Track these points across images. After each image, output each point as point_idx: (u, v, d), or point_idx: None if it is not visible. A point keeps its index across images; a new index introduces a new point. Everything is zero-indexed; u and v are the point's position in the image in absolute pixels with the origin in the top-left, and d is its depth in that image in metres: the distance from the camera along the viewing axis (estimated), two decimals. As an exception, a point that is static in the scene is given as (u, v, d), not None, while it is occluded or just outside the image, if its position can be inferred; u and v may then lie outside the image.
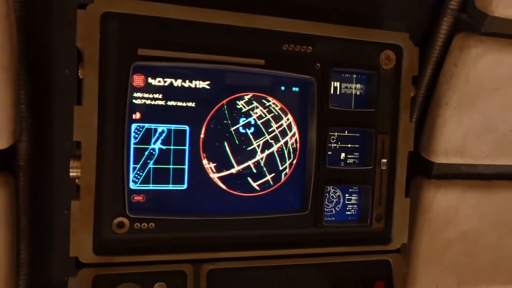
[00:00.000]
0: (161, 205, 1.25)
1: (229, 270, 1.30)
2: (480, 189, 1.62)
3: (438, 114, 1.50)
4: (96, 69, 1.15)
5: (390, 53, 1.40)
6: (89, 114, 1.15)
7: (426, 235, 1.60)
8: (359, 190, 1.45)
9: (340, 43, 1.35)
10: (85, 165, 1.16)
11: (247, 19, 1.26)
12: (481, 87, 1.45)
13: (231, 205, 1.31)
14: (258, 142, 1.32)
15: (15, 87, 1.17)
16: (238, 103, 1.29)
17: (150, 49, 1.18)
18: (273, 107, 1.33)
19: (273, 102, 1.32)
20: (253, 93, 1.31)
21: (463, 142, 1.52)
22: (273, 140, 1.33)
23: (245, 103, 1.30)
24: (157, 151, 1.24)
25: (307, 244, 1.37)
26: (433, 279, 1.65)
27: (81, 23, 1.14)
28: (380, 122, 1.41)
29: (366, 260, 1.43)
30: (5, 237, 1.23)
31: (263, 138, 1.32)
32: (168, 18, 1.19)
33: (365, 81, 1.42)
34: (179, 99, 1.24)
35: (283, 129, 1.34)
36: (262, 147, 1.32)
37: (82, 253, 1.18)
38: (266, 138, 1.32)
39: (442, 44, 1.47)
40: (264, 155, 1.32)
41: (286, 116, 1.34)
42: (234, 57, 1.25)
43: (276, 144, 1.33)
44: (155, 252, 1.24)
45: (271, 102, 1.32)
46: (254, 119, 1.31)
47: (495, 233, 1.67)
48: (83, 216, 1.17)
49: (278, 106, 1.33)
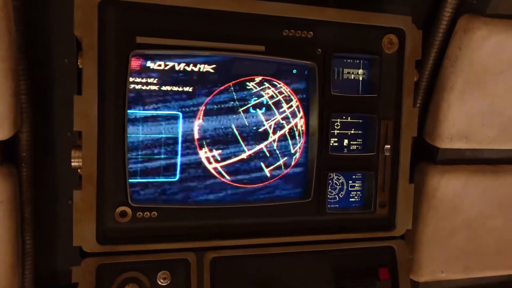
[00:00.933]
0: (163, 193, 1.25)
1: (232, 258, 1.30)
2: (486, 174, 1.60)
3: (442, 98, 1.48)
4: (95, 58, 1.14)
5: (393, 37, 1.38)
6: (89, 103, 1.15)
7: (431, 221, 1.59)
8: (362, 177, 1.44)
9: (341, 28, 1.33)
10: (86, 155, 1.16)
11: (247, 4, 1.24)
12: (486, 70, 1.43)
13: (233, 193, 1.31)
14: (269, 123, 1.31)
15: (15, 78, 1.17)
16: (249, 84, 1.28)
17: (149, 37, 1.17)
18: (284, 88, 1.32)
19: (283, 84, 1.31)
20: (262, 76, 1.30)
21: (468, 127, 1.50)
22: (284, 121, 1.32)
23: (256, 84, 1.29)
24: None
25: (310, 231, 1.37)
26: (438, 265, 1.65)
27: (78, 11, 1.13)
28: (383, 108, 1.39)
29: (370, 247, 1.42)
30: (9, 227, 1.24)
31: (275, 119, 1.31)
32: (166, 5, 1.18)
33: (367, 66, 1.40)
34: (179, 84, 1.24)
35: (293, 111, 1.33)
36: (274, 128, 1.32)
37: (85, 242, 1.18)
38: (277, 118, 1.31)
39: (446, 27, 1.45)
40: (276, 137, 1.32)
41: (294, 99, 1.32)
42: (234, 44, 1.24)
43: (287, 125, 1.32)
44: (158, 241, 1.24)
45: (281, 84, 1.31)
46: (266, 99, 1.30)
47: (502, 218, 1.66)
48: (85, 205, 1.17)
49: (287, 89, 1.32)
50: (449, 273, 1.67)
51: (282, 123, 1.33)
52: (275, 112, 1.32)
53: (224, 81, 1.27)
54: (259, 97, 1.30)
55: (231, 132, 1.29)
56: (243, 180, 1.31)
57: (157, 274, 1.23)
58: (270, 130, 1.32)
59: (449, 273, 1.67)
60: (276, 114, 1.32)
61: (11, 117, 1.17)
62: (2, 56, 1.11)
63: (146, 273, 1.22)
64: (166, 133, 1.24)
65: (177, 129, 1.25)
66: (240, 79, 1.28)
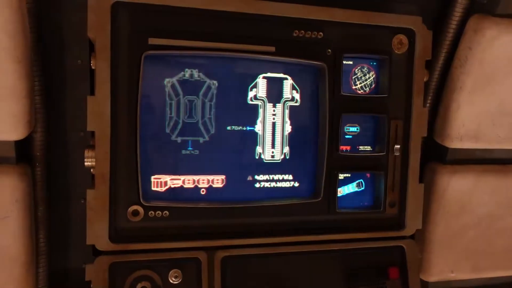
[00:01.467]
0: (175, 193, 1.27)
1: (243, 257, 1.31)
2: (496, 174, 1.60)
3: (452, 98, 1.47)
4: (107, 59, 1.16)
5: (403, 37, 1.38)
6: (102, 104, 1.17)
7: (441, 221, 1.59)
8: (372, 177, 1.44)
9: (351, 28, 1.33)
10: (99, 155, 1.18)
11: (257, 5, 1.25)
12: (496, 70, 1.43)
13: (245, 192, 1.32)
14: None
15: (29, 79, 1.19)
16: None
17: (161, 38, 1.19)
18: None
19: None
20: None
21: (478, 127, 1.50)
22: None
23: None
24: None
25: (320, 230, 1.37)
26: (448, 265, 1.64)
27: (92, 13, 1.14)
28: (393, 108, 1.40)
29: (380, 246, 1.42)
30: (23, 226, 1.26)
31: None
32: (178, 6, 1.19)
33: (377, 66, 1.40)
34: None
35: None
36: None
37: (98, 241, 1.20)
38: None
39: (456, 27, 1.44)
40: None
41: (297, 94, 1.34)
42: (244, 45, 1.25)
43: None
44: (169, 240, 1.25)
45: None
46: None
47: (511, 218, 1.65)
48: (98, 204, 1.19)
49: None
50: (459, 273, 1.67)
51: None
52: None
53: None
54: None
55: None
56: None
57: (169, 272, 1.24)
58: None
59: (459, 273, 1.67)
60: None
61: (25, 118, 1.19)
62: (17, 57, 1.13)
63: (158, 272, 1.24)
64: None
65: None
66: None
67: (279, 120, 1.33)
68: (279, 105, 1.32)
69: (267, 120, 1.32)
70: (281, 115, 1.33)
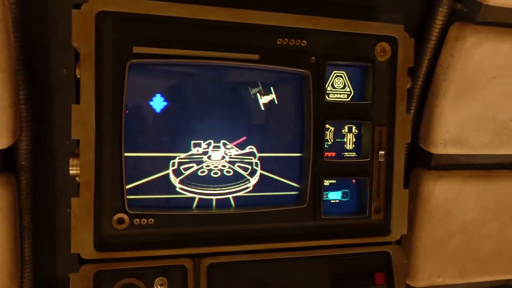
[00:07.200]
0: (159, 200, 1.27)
1: (229, 264, 1.31)
2: (480, 179, 1.62)
3: (435, 105, 1.50)
4: (92, 68, 1.16)
5: (385, 45, 1.40)
6: (87, 112, 1.17)
7: (426, 226, 1.60)
8: (357, 183, 1.45)
9: (334, 36, 1.35)
10: (84, 163, 1.18)
11: (241, 14, 1.26)
12: (478, 76, 1.45)
13: (230, 199, 1.33)
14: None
15: (14, 88, 1.19)
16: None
17: (145, 47, 1.20)
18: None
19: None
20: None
21: (462, 133, 1.52)
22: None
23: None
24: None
25: (306, 237, 1.38)
26: (435, 270, 1.66)
27: (76, 22, 1.15)
28: (377, 114, 1.41)
29: (366, 252, 1.43)
30: (8, 235, 1.25)
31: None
32: (162, 15, 1.20)
33: (360, 73, 1.42)
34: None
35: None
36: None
37: (83, 249, 1.20)
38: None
39: (438, 34, 1.47)
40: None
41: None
42: (228, 53, 1.26)
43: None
44: (155, 247, 1.25)
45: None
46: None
47: (497, 223, 1.67)
48: (83, 213, 1.19)
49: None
50: (445, 278, 1.68)
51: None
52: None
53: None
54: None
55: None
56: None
57: (154, 280, 1.24)
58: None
59: (445, 278, 1.68)
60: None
61: (10, 127, 1.19)
62: (2, 66, 1.13)
63: (143, 279, 1.24)
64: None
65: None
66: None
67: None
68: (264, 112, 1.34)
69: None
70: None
